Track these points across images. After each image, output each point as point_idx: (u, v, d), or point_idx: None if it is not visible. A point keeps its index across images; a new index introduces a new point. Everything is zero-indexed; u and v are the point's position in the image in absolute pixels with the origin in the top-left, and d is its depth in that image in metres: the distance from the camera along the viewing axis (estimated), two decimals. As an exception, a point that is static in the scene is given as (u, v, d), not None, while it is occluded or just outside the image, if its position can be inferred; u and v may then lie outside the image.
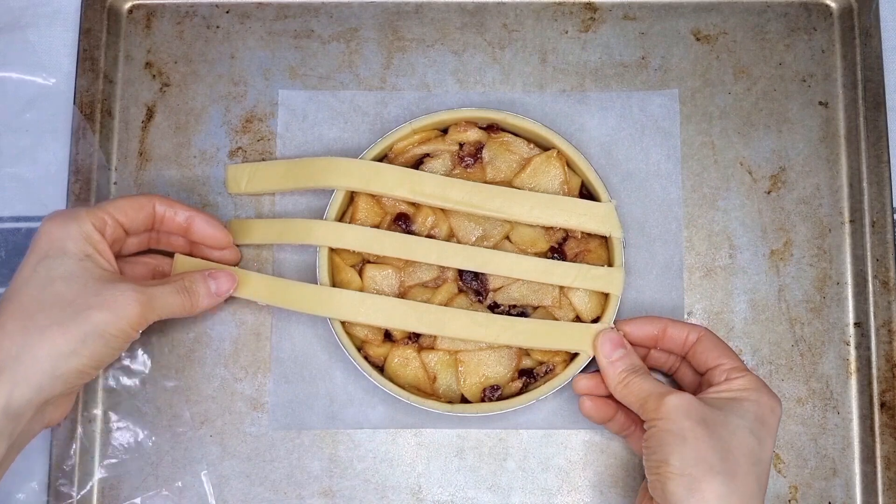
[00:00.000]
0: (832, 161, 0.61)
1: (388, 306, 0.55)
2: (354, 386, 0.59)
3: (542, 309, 0.57)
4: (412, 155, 0.58)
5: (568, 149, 0.57)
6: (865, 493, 0.58)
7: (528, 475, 0.58)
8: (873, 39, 0.62)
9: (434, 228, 0.57)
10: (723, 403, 0.50)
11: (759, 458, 0.48)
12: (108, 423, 0.59)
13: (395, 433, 0.59)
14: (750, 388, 0.51)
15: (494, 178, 0.58)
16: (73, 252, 0.49)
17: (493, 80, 0.62)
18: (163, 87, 0.62)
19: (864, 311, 0.59)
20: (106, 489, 0.58)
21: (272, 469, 0.58)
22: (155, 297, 0.50)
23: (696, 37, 0.63)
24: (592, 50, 0.63)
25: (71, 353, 0.47)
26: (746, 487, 0.47)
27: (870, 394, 0.59)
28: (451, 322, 0.55)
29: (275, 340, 0.59)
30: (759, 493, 0.47)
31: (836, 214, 0.61)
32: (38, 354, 0.46)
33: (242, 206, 0.61)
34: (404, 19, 0.63)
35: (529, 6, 0.63)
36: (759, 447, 0.48)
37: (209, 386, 0.59)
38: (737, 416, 0.49)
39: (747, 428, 0.48)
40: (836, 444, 0.59)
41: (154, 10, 0.63)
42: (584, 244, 0.58)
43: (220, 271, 0.55)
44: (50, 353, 0.46)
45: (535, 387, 0.56)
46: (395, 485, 0.58)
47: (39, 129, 0.62)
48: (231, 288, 0.55)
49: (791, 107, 0.62)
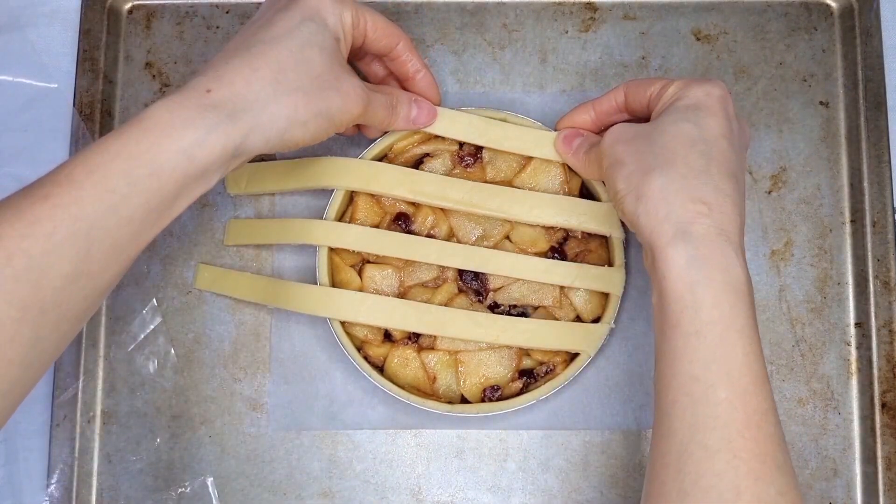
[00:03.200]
0: (833, 161, 0.61)
1: (387, 306, 0.55)
2: (354, 386, 0.59)
3: (543, 309, 0.57)
4: (412, 155, 0.58)
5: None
6: (866, 494, 0.58)
7: (529, 476, 0.58)
8: (874, 39, 0.62)
9: (434, 228, 0.57)
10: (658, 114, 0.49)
11: (699, 137, 0.46)
12: (107, 423, 0.59)
13: (394, 434, 0.59)
14: (680, 88, 0.49)
15: (494, 177, 0.58)
16: (331, 27, 0.48)
17: (493, 80, 0.62)
18: (163, 87, 0.62)
19: (864, 311, 0.59)
20: (106, 489, 0.58)
21: (271, 470, 0.58)
22: (372, 101, 0.51)
23: (697, 37, 0.63)
24: (593, 50, 0.63)
25: (303, 123, 0.46)
26: (687, 168, 0.45)
27: (871, 394, 0.58)
28: (451, 322, 0.55)
29: (274, 341, 0.59)
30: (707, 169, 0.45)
31: (836, 214, 0.61)
32: (280, 112, 0.45)
33: (242, 206, 0.61)
34: (404, 19, 0.63)
35: (529, 6, 0.63)
36: (698, 129, 0.47)
37: (208, 386, 0.59)
38: (668, 114, 0.48)
39: (680, 119, 0.47)
40: (837, 444, 0.59)
41: (154, 10, 0.63)
42: (584, 244, 0.58)
43: (427, 102, 0.56)
44: (289, 116, 0.46)
45: (536, 387, 0.56)
46: (395, 485, 0.58)
47: (39, 129, 0.62)
48: (428, 123, 0.56)
49: (792, 106, 0.62)
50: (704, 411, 0.42)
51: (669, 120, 0.48)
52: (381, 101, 0.52)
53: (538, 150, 0.57)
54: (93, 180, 0.41)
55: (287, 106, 0.45)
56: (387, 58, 0.55)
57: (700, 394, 0.42)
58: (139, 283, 0.60)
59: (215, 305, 0.60)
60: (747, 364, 0.43)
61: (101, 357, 0.59)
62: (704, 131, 0.47)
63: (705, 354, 0.43)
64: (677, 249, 0.44)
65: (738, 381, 0.42)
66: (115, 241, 0.41)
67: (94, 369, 0.59)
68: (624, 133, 0.49)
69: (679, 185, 0.45)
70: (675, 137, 0.46)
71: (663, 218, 0.45)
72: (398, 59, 0.54)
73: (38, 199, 0.40)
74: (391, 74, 0.57)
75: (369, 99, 0.50)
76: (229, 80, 0.44)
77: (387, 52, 0.54)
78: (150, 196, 0.42)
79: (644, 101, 0.52)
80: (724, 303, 0.43)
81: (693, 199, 0.45)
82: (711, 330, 0.43)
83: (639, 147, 0.48)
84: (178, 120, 0.42)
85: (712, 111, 0.48)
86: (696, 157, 0.46)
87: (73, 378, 0.58)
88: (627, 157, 0.48)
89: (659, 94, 0.51)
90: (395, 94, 0.54)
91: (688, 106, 0.48)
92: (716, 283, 0.43)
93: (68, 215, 0.40)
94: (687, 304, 0.43)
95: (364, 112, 0.50)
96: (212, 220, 0.61)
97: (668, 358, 0.44)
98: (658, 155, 0.46)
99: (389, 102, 0.53)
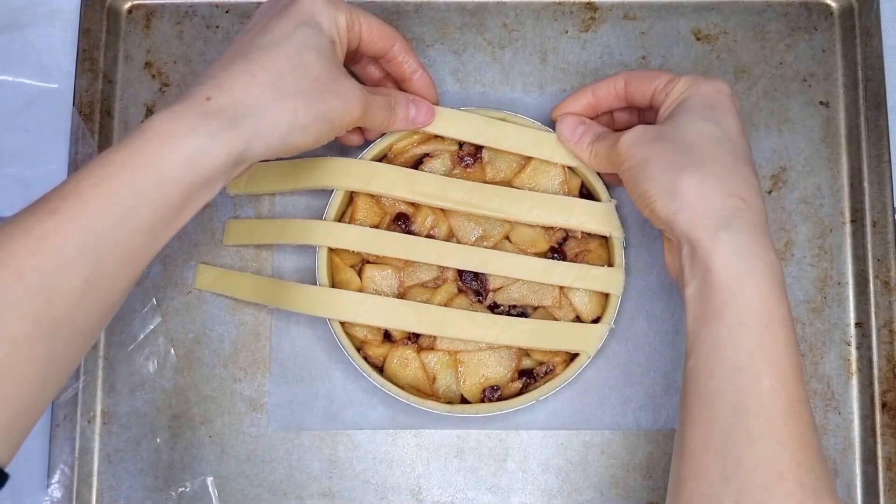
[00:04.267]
0: (833, 161, 0.61)
1: (387, 307, 0.55)
2: (354, 386, 0.59)
3: (542, 309, 0.57)
4: (412, 155, 0.58)
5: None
6: (867, 494, 0.58)
7: (528, 476, 0.58)
8: (874, 39, 0.61)
9: (434, 228, 0.57)
10: (672, 113, 0.50)
11: (723, 136, 0.48)
12: (108, 423, 0.59)
13: (394, 434, 0.59)
14: (688, 86, 0.50)
15: (494, 177, 0.58)
16: (326, 31, 0.49)
17: (493, 79, 0.62)
18: (162, 87, 0.62)
19: (865, 311, 0.59)
20: (106, 489, 0.58)
21: (271, 470, 0.58)
22: (370, 103, 0.51)
23: (697, 36, 0.63)
24: (593, 50, 0.63)
25: (303, 128, 0.46)
26: (719, 165, 0.47)
27: (871, 394, 0.58)
28: (450, 322, 0.55)
29: (274, 341, 0.59)
30: (736, 167, 0.47)
31: (836, 214, 0.61)
32: (280, 117, 0.45)
33: (242, 206, 0.61)
34: (404, 19, 0.63)
35: (529, 6, 0.63)
36: (719, 128, 0.48)
37: (208, 386, 0.59)
38: (685, 113, 0.49)
39: (700, 118, 0.48)
40: (838, 444, 0.59)
41: (154, 10, 0.63)
42: (584, 244, 0.58)
43: (425, 102, 0.56)
44: (290, 120, 0.46)
45: (535, 387, 0.56)
46: (395, 486, 0.58)
47: (39, 129, 0.62)
48: (427, 122, 0.56)
49: (792, 106, 0.62)
50: (749, 399, 0.43)
51: (689, 120, 0.49)
52: (380, 102, 0.52)
53: (537, 150, 0.57)
54: (99, 193, 0.41)
55: (287, 110, 0.46)
56: (383, 60, 0.55)
57: (745, 382, 0.44)
58: (139, 283, 0.60)
59: (215, 305, 0.60)
60: (788, 354, 0.44)
61: (100, 357, 0.59)
62: (726, 130, 0.48)
63: (750, 344, 0.44)
64: (722, 242, 0.45)
65: (781, 371, 0.44)
66: (124, 253, 0.42)
67: (93, 369, 0.59)
68: (644, 135, 0.50)
69: (714, 182, 0.46)
70: (701, 137, 0.48)
71: (703, 213, 0.46)
72: (394, 60, 0.55)
73: (45, 215, 0.40)
74: (388, 76, 0.57)
75: (368, 101, 0.50)
76: (228, 87, 0.45)
77: (382, 54, 0.54)
78: (156, 206, 0.42)
79: (647, 94, 0.53)
80: (767, 293, 0.45)
81: (730, 194, 0.46)
82: (756, 320, 0.44)
83: (663, 147, 0.48)
84: (180, 129, 0.43)
85: (728, 110, 0.49)
86: (725, 155, 0.47)
87: (72, 378, 0.58)
88: (653, 157, 0.48)
89: (665, 89, 0.52)
90: (392, 95, 0.54)
91: (703, 104, 0.49)
92: (759, 273, 0.45)
93: (77, 229, 0.40)
94: (733, 293, 0.45)
95: (363, 114, 0.50)
96: (212, 220, 0.61)
97: (709, 346, 0.45)
98: (687, 153, 0.47)
99: (387, 104, 0.53)
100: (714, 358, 0.45)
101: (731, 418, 0.43)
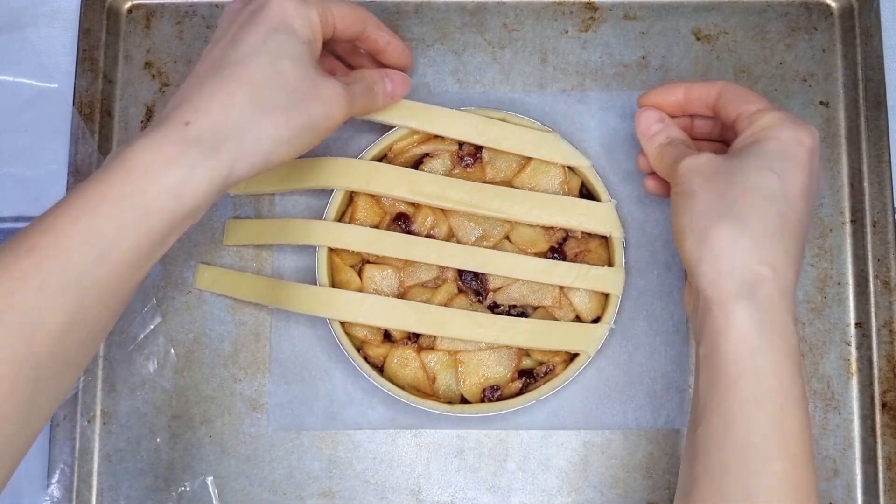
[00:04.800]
0: (833, 161, 0.61)
1: (387, 306, 0.55)
2: (354, 386, 0.59)
3: (542, 309, 0.57)
4: (412, 155, 0.58)
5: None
6: (867, 494, 0.58)
7: (528, 476, 0.58)
8: (874, 39, 0.61)
9: (434, 228, 0.57)
10: (744, 149, 0.47)
11: (780, 194, 0.45)
12: (107, 423, 0.59)
13: (394, 434, 0.59)
14: (772, 125, 0.47)
15: (494, 177, 0.58)
16: (300, 34, 0.47)
17: (492, 79, 0.62)
18: (162, 87, 0.62)
19: (865, 311, 0.59)
20: (106, 489, 0.58)
21: (271, 470, 0.58)
22: (353, 96, 0.50)
23: (697, 36, 0.63)
24: (593, 49, 0.63)
25: (287, 142, 0.46)
26: (761, 226, 0.44)
27: (871, 394, 0.58)
28: (450, 322, 0.55)
29: (274, 341, 0.59)
30: (781, 230, 0.44)
31: (836, 214, 0.61)
32: (262, 136, 0.44)
33: (242, 206, 0.61)
34: (404, 19, 0.63)
35: (529, 6, 0.63)
36: (780, 183, 0.45)
37: (208, 386, 0.59)
38: (754, 157, 0.46)
39: (765, 167, 0.45)
40: (838, 444, 0.58)
41: (153, 10, 0.63)
42: (584, 244, 0.58)
43: (397, 73, 0.55)
44: (272, 137, 0.45)
45: (535, 387, 0.56)
46: (395, 485, 0.58)
47: (39, 129, 0.62)
48: (405, 91, 0.55)
49: (792, 106, 0.62)
50: (760, 482, 0.42)
51: (755, 165, 0.46)
52: (359, 90, 0.51)
53: (537, 151, 0.57)
54: (79, 228, 0.40)
55: (268, 127, 0.45)
56: (357, 40, 0.54)
57: (757, 463, 0.42)
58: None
59: (215, 305, 0.60)
60: (802, 437, 0.43)
61: (100, 357, 0.59)
62: (786, 187, 0.45)
63: (764, 423, 0.43)
64: (741, 310, 0.43)
65: (793, 453, 0.43)
66: (107, 287, 0.41)
67: (93, 369, 0.59)
68: (706, 166, 0.47)
69: (748, 243, 0.44)
70: (756, 188, 0.45)
71: (726, 272, 0.44)
72: (368, 38, 0.54)
73: (23, 253, 0.39)
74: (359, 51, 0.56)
75: (350, 94, 0.49)
76: (206, 110, 0.43)
77: (356, 36, 0.53)
78: (139, 238, 0.41)
79: (733, 115, 0.50)
80: (783, 372, 0.43)
81: (761, 260, 0.44)
82: (771, 399, 0.43)
83: (717, 186, 0.46)
84: (160, 158, 0.41)
85: (800, 165, 0.46)
86: (772, 217, 0.44)
87: (72, 378, 0.58)
88: (701, 192, 0.46)
89: (751, 118, 0.48)
90: (366, 76, 0.53)
91: (777, 152, 0.46)
92: (777, 350, 0.43)
93: (57, 267, 0.39)
94: (747, 368, 0.43)
95: (349, 109, 0.49)
96: (211, 220, 0.61)
97: (720, 419, 0.44)
98: (734, 203, 0.45)
99: (366, 87, 0.52)
100: (725, 432, 0.43)
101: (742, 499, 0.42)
